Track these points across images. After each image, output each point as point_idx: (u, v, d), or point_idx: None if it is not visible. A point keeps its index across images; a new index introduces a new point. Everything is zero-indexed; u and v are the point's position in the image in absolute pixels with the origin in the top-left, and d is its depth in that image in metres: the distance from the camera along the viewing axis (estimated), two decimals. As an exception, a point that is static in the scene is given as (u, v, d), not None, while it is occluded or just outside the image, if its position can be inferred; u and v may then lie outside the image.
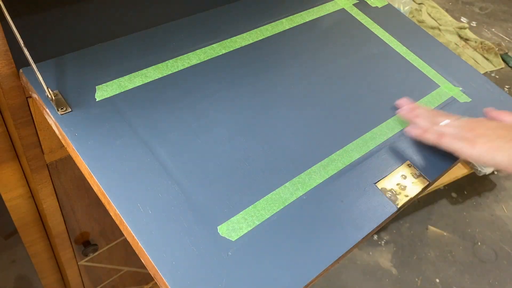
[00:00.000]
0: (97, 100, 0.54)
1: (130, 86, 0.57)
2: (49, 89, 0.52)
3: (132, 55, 0.60)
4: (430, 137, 0.56)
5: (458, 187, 1.86)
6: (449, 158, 0.59)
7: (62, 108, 0.52)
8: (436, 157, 0.59)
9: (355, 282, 1.50)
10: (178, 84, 0.59)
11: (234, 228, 0.47)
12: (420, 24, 2.34)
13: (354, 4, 0.80)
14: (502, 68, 2.32)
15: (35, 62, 0.51)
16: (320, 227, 0.49)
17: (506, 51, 2.41)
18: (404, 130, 0.59)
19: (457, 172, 1.77)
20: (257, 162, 0.53)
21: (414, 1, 2.44)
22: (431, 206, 1.77)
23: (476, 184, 1.88)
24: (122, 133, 0.52)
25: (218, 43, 0.66)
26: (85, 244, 0.87)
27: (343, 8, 0.78)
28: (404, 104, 0.61)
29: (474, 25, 2.57)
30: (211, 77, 0.61)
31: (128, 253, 0.99)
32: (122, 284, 1.10)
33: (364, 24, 0.76)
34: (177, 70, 0.61)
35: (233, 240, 0.46)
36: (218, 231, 0.46)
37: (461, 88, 0.70)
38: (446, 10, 2.58)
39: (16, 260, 1.34)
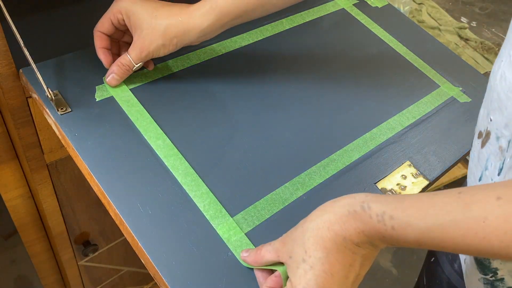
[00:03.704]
0: (97, 100, 0.54)
1: (130, 86, 0.57)
2: (49, 89, 0.52)
3: (132, 55, 0.60)
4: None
5: (458, 187, 1.86)
6: (449, 158, 0.59)
7: (62, 108, 0.52)
8: (436, 157, 0.59)
9: (355, 282, 1.50)
10: (178, 84, 0.59)
11: (234, 228, 0.47)
12: (420, 24, 2.34)
13: (354, 4, 0.79)
14: (502, 68, 2.31)
15: (35, 62, 0.51)
16: (320, 227, 0.49)
17: (506, 51, 2.41)
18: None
19: (457, 172, 1.77)
20: (257, 162, 0.53)
21: (414, 1, 2.44)
22: (431, 206, 1.77)
23: (476, 184, 1.88)
24: (122, 133, 0.52)
25: (218, 43, 0.66)
26: (85, 244, 0.87)
27: (343, 8, 0.78)
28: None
29: (474, 25, 2.57)
30: (211, 77, 0.61)
31: (128, 253, 0.99)
32: (122, 284, 1.10)
33: (364, 24, 0.76)
34: (177, 70, 0.61)
35: (233, 240, 0.46)
36: (218, 231, 0.46)
37: (461, 88, 0.70)
38: (446, 10, 2.58)
39: (16, 260, 1.34)
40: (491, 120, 0.43)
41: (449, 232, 0.32)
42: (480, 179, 0.47)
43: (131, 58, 0.53)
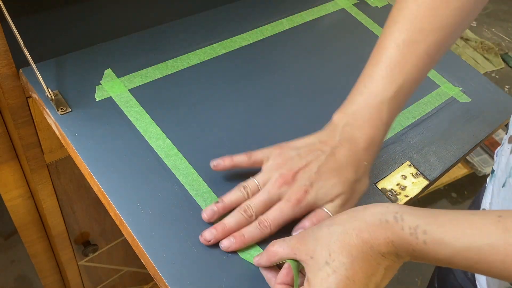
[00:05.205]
0: (97, 100, 0.54)
1: (130, 86, 0.57)
2: (49, 89, 0.52)
3: (132, 55, 0.60)
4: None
5: (458, 187, 1.86)
6: (449, 158, 0.59)
7: (62, 108, 0.52)
8: (436, 157, 0.59)
9: (355, 282, 1.50)
10: (178, 84, 0.59)
11: (234, 228, 0.47)
12: (420, 24, 2.33)
13: (354, 4, 0.79)
14: (502, 68, 2.32)
15: (35, 62, 0.51)
16: (320, 227, 0.49)
17: (506, 51, 2.41)
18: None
19: (457, 172, 1.77)
20: (257, 162, 0.53)
21: (414, 1, 2.43)
22: (431, 206, 1.77)
23: (476, 184, 1.88)
24: (122, 133, 0.52)
25: (218, 43, 0.65)
26: (85, 244, 0.87)
27: (343, 8, 0.78)
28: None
29: (474, 25, 2.57)
30: (211, 77, 0.61)
31: (128, 253, 0.99)
32: (122, 284, 1.10)
33: (364, 24, 0.76)
34: (177, 70, 0.61)
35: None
36: (218, 231, 0.46)
37: (461, 88, 0.70)
38: (446, 10, 2.57)
39: (16, 260, 1.34)
40: None
41: (486, 256, 0.32)
42: (503, 185, 0.45)
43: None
